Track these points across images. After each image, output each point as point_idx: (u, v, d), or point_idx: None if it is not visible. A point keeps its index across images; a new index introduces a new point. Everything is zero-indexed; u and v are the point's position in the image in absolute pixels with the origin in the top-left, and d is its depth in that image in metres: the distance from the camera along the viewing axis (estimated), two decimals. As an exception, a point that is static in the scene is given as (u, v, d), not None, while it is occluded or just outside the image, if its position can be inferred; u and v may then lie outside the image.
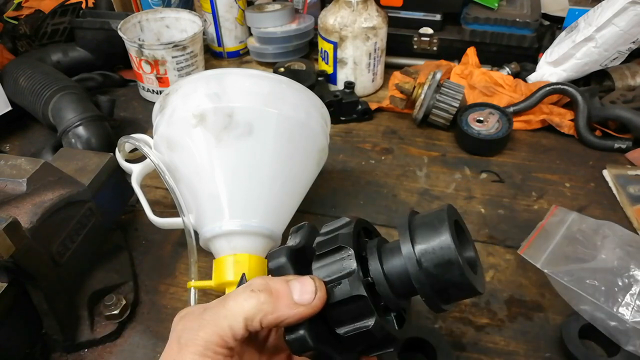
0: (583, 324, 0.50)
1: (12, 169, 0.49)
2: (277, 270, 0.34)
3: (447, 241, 0.31)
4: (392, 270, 0.33)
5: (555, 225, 0.59)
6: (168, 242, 0.64)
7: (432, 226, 0.32)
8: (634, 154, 0.74)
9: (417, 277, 0.32)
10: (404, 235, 0.33)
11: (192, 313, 0.32)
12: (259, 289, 0.31)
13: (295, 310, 0.31)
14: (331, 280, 0.33)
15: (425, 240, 0.32)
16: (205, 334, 0.30)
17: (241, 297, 0.31)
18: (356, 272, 0.32)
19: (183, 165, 0.55)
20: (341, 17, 0.82)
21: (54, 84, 0.77)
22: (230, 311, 0.30)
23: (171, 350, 0.31)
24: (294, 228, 0.37)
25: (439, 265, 0.31)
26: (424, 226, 0.33)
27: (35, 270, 0.46)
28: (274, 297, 0.31)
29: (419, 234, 0.32)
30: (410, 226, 0.33)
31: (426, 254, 0.32)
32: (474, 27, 0.89)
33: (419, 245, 0.32)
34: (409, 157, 0.77)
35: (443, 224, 0.32)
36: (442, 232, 0.32)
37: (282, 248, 0.35)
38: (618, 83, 0.81)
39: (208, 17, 0.98)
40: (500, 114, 0.77)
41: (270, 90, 0.55)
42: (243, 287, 0.32)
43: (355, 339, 0.33)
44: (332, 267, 0.33)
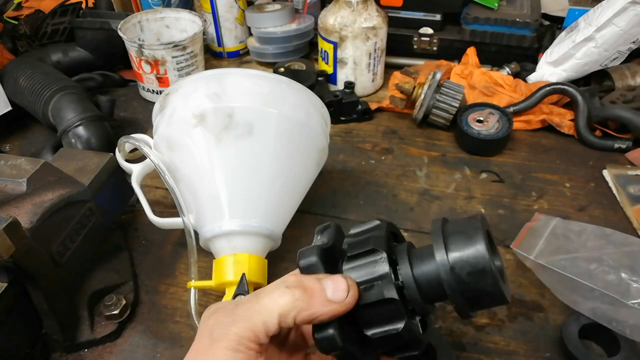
0: (583, 324, 0.50)
1: (12, 169, 0.49)
2: (308, 268, 0.34)
3: (482, 251, 0.32)
4: (422, 275, 0.34)
5: (542, 227, 0.60)
6: (168, 242, 0.64)
7: (466, 234, 0.33)
8: (634, 154, 0.74)
9: (450, 283, 0.32)
10: (438, 242, 0.33)
11: (224, 308, 0.32)
12: (293, 286, 0.31)
13: (329, 307, 0.31)
14: (363, 282, 0.33)
15: (459, 248, 0.32)
16: (238, 329, 0.30)
17: (275, 293, 0.31)
18: (389, 275, 0.33)
19: (183, 165, 0.55)
20: (341, 17, 0.82)
21: (54, 84, 0.77)
22: (265, 307, 0.30)
23: (201, 344, 0.31)
24: (320, 227, 0.38)
25: (473, 273, 0.32)
26: (458, 234, 0.33)
27: (35, 270, 0.46)
28: (308, 294, 0.31)
29: (453, 241, 0.33)
30: (444, 233, 0.34)
31: (460, 262, 0.32)
32: (474, 27, 0.89)
33: (453, 253, 0.32)
34: (409, 157, 0.77)
35: (478, 233, 0.32)
36: (477, 241, 0.32)
37: (313, 247, 0.35)
38: (618, 83, 0.81)
39: (208, 17, 0.98)
40: (500, 114, 0.77)
41: (270, 90, 0.55)
42: (276, 283, 0.32)
43: (383, 341, 0.33)
44: (364, 269, 0.34)
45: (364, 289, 0.33)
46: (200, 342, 0.31)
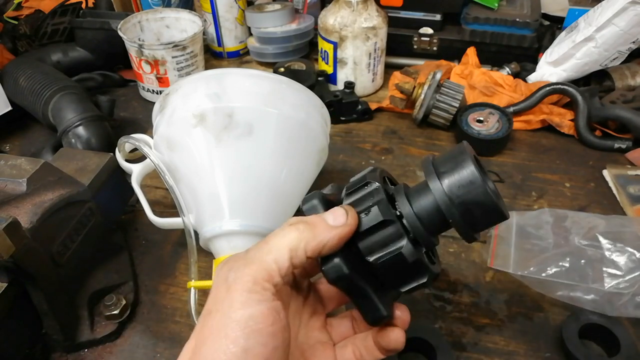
0: (583, 324, 0.50)
1: (12, 169, 0.49)
2: (309, 210, 0.36)
3: (469, 164, 0.34)
4: (421, 207, 0.35)
5: (506, 229, 0.61)
6: (168, 242, 0.64)
7: (453, 159, 0.35)
8: (634, 154, 0.74)
9: (447, 205, 0.34)
10: (430, 172, 0.35)
11: (236, 255, 0.33)
12: (296, 222, 0.33)
13: (334, 231, 0.33)
14: (361, 211, 0.35)
15: (449, 171, 0.35)
16: (252, 270, 0.31)
17: (281, 233, 0.33)
18: (384, 199, 0.35)
19: (183, 165, 0.55)
20: (341, 17, 0.82)
21: (54, 84, 0.77)
22: (274, 245, 0.32)
23: (219, 291, 0.31)
24: (327, 187, 0.40)
25: (463, 186, 0.34)
26: (446, 162, 0.36)
27: (35, 270, 0.46)
28: (311, 226, 0.33)
29: (443, 168, 0.35)
30: (434, 165, 0.36)
31: (451, 181, 0.34)
32: (474, 27, 0.89)
33: (445, 177, 0.35)
34: (409, 157, 0.77)
35: (463, 154, 0.35)
36: (464, 160, 0.34)
37: (315, 192, 0.37)
38: (618, 83, 0.81)
39: (208, 17, 0.98)
40: (500, 114, 0.77)
41: (270, 90, 0.55)
42: (282, 225, 0.34)
43: (388, 266, 0.34)
44: (361, 200, 0.35)
45: (363, 217, 0.35)
46: (217, 289, 0.32)
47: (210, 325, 0.30)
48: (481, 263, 0.60)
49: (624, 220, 0.57)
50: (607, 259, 0.52)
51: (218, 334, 0.29)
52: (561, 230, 0.57)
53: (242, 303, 0.30)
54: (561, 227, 0.57)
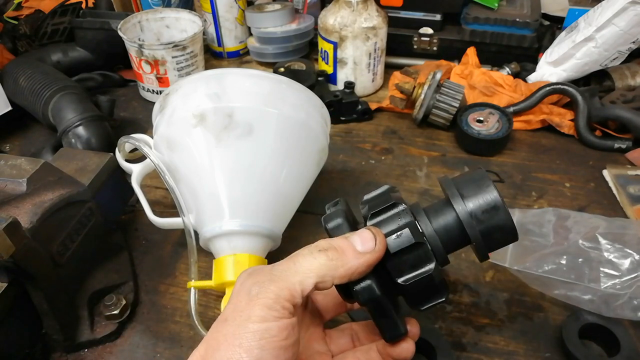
0: (583, 324, 0.50)
1: (12, 169, 0.49)
2: (335, 229, 0.37)
3: (493, 191, 0.36)
4: (441, 226, 0.37)
5: None
6: (168, 242, 0.64)
7: (475, 183, 0.37)
8: (634, 154, 0.74)
9: (471, 225, 0.36)
10: (453, 192, 0.37)
11: (262, 269, 0.33)
12: (325, 248, 0.33)
13: (362, 259, 0.33)
14: (390, 232, 0.36)
15: (473, 194, 0.36)
16: (277, 287, 0.31)
17: (310, 256, 0.33)
18: (413, 222, 0.36)
19: (183, 165, 0.55)
20: (341, 17, 0.82)
21: (54, 84, 0.77)
22: (302, 268, 0.32)
23: (239, 301, 0.31)
24: (330, 203, 0.40)
25: (487, 211, 0.36)
26: (468, 184, 0.37)
27: (35, 270, 0.46)
28: (340, 252, 0.33)
29: (466, 190, 0.37)
30: (456, 184, 0.37)
31: (476, 204, 0.36)
32: (474, 27, 0.89)
33: (469, 199, 0.36)
34: (409, 157, 0.77)
35: (485, 178, 0.37)
36: (488, 185, 0.36)
37: (337, 210, 0.38)
38: (618, 83, 0.81)
39: (208, 17, 0.98)
40: (500, 114, 0.77)
41: (270, 90, 0.55)
42: (309, 247, 0.34)
43: (416, 286, 0.35)
44: (389, 221, 0.36)
45: (391, 239, 0.35)
46: (238, 299, 0.32)
47: (225, 333, 0.30)
48: (481, 263, 0.60)
49: (626, 222, 0.57)
50: (606, 259, 0.52)
51: (232, 342, 0.30)
52: (562, 230, 0.57)
53: (260, 317, 0.30)
54: (563, 226, 0.57)
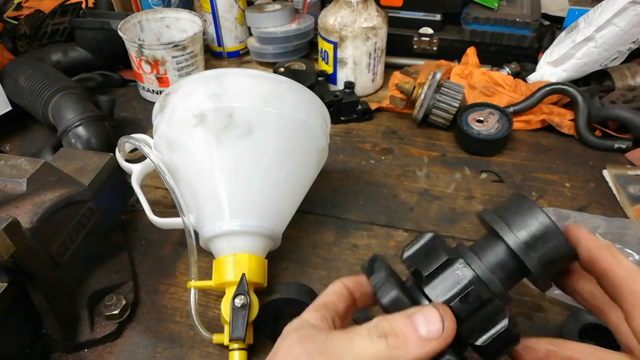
0: (583, 324, 0.50)
1: (12, 169, 0.49)
2: (393, 305, 0.32)
3: (544, 217, 0.32)
4: (494, 264, 0.33)
5: None
6: (168, 242, 0.64)
7: (521, 211, 0.33)
8: (634, 154, 0.74)
9: (529, 259, 0.32)
10: (501, 227, 0.33)
11: (315, 340, 0.31)
12: (385, 333, 0.29)
13: (427, 347, 0.29)
14: (454, 295, 0.32)
15: (523, 224, 0.33)
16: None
17: (368, 339, 0.30)
18: (476, 277, 0.32)
19: (183, 165, 0.55)
20: (341, 17, 0.82)
21: (54, 84, 0.77)
22: (358, 352, 0.29)
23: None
24: (367, 264, 0.36)
25: (540, 237, 0.32)
26: (512, 215, 0.33)
27: (35, 270, 0.46)
28: (401, 340, 0.29)
29: (513, 221, 0.33)
30: (499, 215, 0.34)
31: (530, 235, 0.32)
32: (474, 27, 0.89)
33: (520, 231, 0.33)
34: (409, 157, 0.77)
35: (531, 205, 0.33)
36: (536, 211, 0.33)
37: (387, 281, 0.33)
38: (618, 83, 0.81)
39: (208, 17, 0.98)
40: (500, 114, 0.77)
41: (270, 90, 0.55)
42: (369, 328, 0.30)
43: (494, 345, 0.32)
44: (449, 281, 0.32)
45: (457, 303, 0.31)
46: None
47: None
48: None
49: (626, 222, 0.57)
50: None
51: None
52: None
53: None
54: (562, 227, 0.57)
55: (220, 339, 0.51)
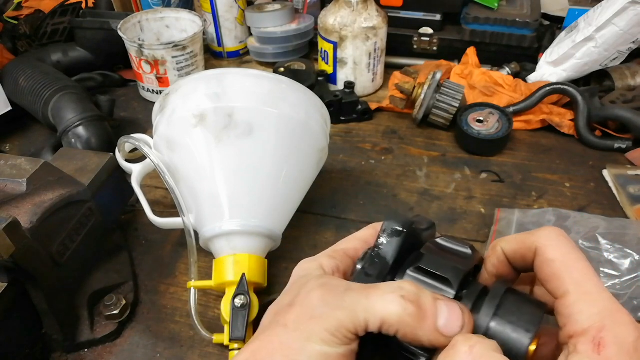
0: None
1: (12, 169, 0.49)
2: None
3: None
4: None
5: (506, 225, 0.61)
6: (168, 242, 0.64)
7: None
8: (634, 154, 0.74)
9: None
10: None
11: (335, 288, 0.30)
12: (409, 298, 0.28)
13: (434, 338, 0.28)
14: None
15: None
16: (342, 316, 0.28)
17: (388, 297, 0.28)
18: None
19: (183, 165, 0.55)
20: (341, 17, 0.82)
21: (54, 84, 0.77)
22: (372, 307, 0.28)
23: (303, 312, 0.29)
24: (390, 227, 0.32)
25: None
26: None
27: (35, 270, 0.46)
28: (420, 315, 0.28)
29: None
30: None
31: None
32: (474, 27, 0.89)
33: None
34: (409, 157, 0.77)
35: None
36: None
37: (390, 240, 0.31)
38: (618, 83, 0.81)
39: (208, 17, 0.98)
40: (500, 114, 0.77)
41: (270, 90, 0.55)
42: (392, 286, 0.29)
43: None
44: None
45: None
46: (303, 308, 0.30)
47: (283, 342, 0.29)
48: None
49: (626, 222, 0.57)
50: (605, 259, 0.52)
51: (288, 355, 0.28)
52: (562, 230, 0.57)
53: (322, 340, 0.28)
54: (563, 226, 0.57)
55: (220, 339, 0.51)
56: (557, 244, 0.29)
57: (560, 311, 0.27)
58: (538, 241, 0.30)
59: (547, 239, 0.29)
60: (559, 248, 0.29)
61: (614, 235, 0.54)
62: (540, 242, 0.30)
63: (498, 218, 0.63)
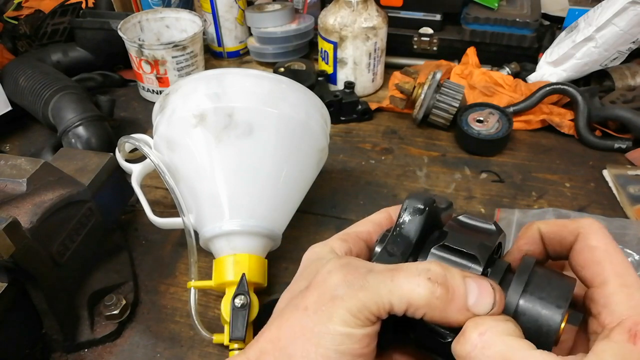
0: (583, 324, 0.50)
1: (12, 169, 0.49)
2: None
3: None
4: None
5: (506, 225, 0.61)
6: (168, 242, 0.64)
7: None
8: (634, 154, 0.74)
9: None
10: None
11: (357, 269, 0.29)
12: (436, 280, 0.27)
13: (464, 317, 0.27)
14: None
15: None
16: (365, 297, 0.28)
17: (415, 280, 0.27)
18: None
19: (183, 165, 0.55)
20: (341, 17, 0.82)
21: (54, 84, 0.77)
22: (398, 289, 0.27)
23: (323, 293, 0.28)
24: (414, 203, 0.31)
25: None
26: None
27: (35, 270, 0.46)
28: (448, 297, 0.27)
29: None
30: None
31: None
32: (474, 27, 0.89)
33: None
34: (409, 157, 0.77)
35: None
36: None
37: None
38: (618, 83, 0.81)
39: (208, 17, 0.98)
40: (500, 114, 0.77)
41: (270, 90, 0.55)
42: (418, 268, 0.28)
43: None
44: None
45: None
46: (323, 289, 0.28)
47: (304, 325, 0.28)
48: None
49: (626, 222, 0.57)
50: None
51: (310, 338, 0.27)
52: None
53: (343, 321, 0.27)
54: None
55: (220, 339, 0.51)
56: (601, 233, 0.29)
57: (596, 299, 0.27)
58: (582, 227, 0.30)
59: (591, 227, 0.29)
60: (603, 237, 0.29)
61: (614, 235, 0.54)
62: (584, 228, 0.29)
63: (498, 218, 0.63)
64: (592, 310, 0.28)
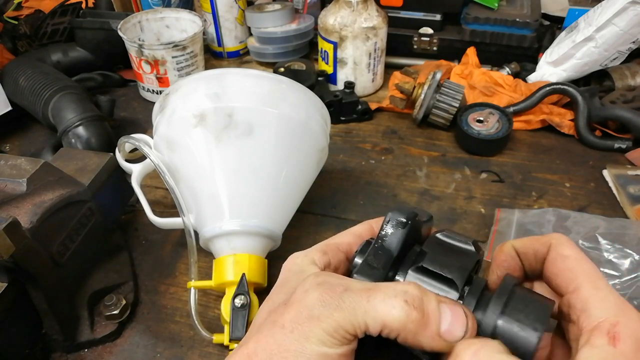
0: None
1: (12, 169, 0.49)
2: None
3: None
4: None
5: (506, 225, 0.61)
6: (168, 242, 0.64)
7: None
8: (634, 154, 0.74)
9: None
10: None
11: (333, 288, 0.29)
12: (412, 303, 0.27)
13: (437, 343, 0.28)
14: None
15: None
16: (341, 317, 0.28)
17: (391, 301, 0.28)
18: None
19: (183, 165, 0.55)
20: (341, 17, 0.82)
21: (54, 84, 0.77)
22: (374, 311, 0.28)
23: (300, 312, 0.29)
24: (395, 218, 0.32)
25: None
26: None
27: (35, 270, 0.46)
28: (423, 322, 0.27)
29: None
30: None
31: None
32: (474, 27, 0.89)
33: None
34: (409, 157, 0.77)
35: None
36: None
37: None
38: (618, 83, 0.81)
39: (208, 17, 0.98)
40: (500, 114, 0.77)
41: (270, 90, 0.55)
42: (395, 289, 0.28)
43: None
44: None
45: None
46: (300, 308, 0.29)
47: (281, 343, 0.28)
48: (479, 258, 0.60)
49: (626, 222, 0.57)
50: (605, 259, 0.52)
51: (286, 357, 0.28)
52: (562, 230, 0.57)
53: (319, 341, 0.28)
54: (562, 226, 0.57)
55: (220, 339, 0.51)
56: (571, 244, 0.31)
57: (573, 304, 0.28)
58: (553, 238, 0.31)
59: (560, 239, 0.31)
60: (573, 247, 0.30)
61: (614, 235, 0.54)
62: (555, 239, 0.31)
63: (498, 218, 0.63)
64: (571, 316, 0.28)
